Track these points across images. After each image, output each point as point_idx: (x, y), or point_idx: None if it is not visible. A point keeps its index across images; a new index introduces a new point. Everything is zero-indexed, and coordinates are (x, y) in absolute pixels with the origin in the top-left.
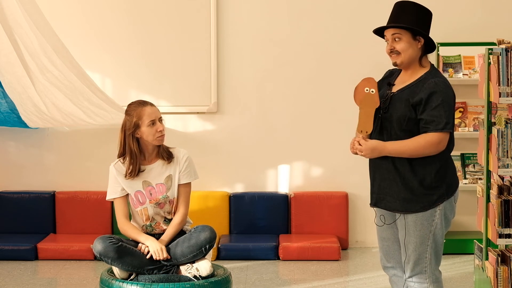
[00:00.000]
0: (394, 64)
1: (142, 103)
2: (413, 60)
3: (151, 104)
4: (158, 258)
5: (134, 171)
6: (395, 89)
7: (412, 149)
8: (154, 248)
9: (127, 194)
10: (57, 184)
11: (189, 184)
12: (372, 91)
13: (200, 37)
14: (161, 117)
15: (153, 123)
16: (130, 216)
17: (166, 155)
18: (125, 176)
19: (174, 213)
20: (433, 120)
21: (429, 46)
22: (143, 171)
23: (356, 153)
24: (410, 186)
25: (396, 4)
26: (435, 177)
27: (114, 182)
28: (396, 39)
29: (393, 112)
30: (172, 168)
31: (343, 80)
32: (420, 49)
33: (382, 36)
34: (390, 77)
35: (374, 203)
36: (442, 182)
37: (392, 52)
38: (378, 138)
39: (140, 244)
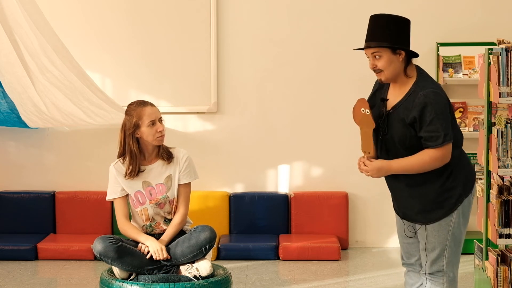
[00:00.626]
0: (380, 81)
1: (142, 103)
2: (398, 73)
3: (151, 104)
4: (158, 258)
5: (134, 171)
6: (389, 105)
7: (418, 166)
8: (154, 248)
9: (127, 194)
10: (57, 184)
11: (189, 184)
12: (367, 112)
13: (200, 37)
14: (161, 118)
15: (153, 123)
16: (130, 217)
17: (166, 155)
18: (125, 176)
19: (174, 213)
20: (431, 136)
21: (412, 54)
22: (143, 171)
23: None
24: (427, 197)
25: (371, 19)
26: (448, 180)
27: (114, 182)
28: (377, 57)
29: (394, 134)
30: (172, 168)
31: (343, 80)
32: (402, 61)
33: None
34: (381, 89)
35: (402, 216)
36: (458, 182)
37: (375, 70)
38: (384, 158)
39: (140, 244)
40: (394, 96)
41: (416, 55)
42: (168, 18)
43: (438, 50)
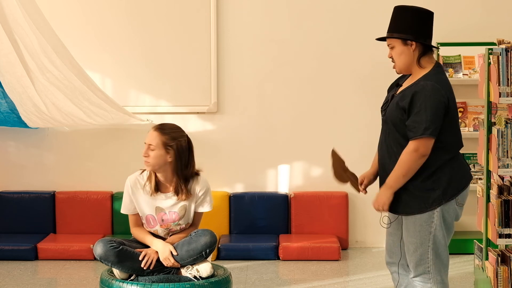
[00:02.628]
0: (396, 72)
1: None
2: (410, 64)
3: (154, 129)
4: (168, 265)
5: (151, 188)
6: (398, 91)
7: (403, 164)
8: (163, 255)
9: None
10: (57, 184)
11: (203, 212)
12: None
13: (200, 37)
14: (150, 144)
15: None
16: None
17: (181, 191)
18: (142, 189)
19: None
20: (414, 127)
21: (428, 46)
22: (158, 195)
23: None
24: (406, 189)
25: (394, 9)
26: (429, 180)
27: (128, 199)
28: (390, 47)
29: (388, 115)
30: (188, 200)
31: (343, 80)
32: (414, 52)
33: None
34: (401, 79)
35: None
36: (438, 185)
37: (392, 60)
38: (382, 140)
39: (142, 254)
40: (406, 84)
41: (431, 47)
42: (168, 18)
43: (438, 50)
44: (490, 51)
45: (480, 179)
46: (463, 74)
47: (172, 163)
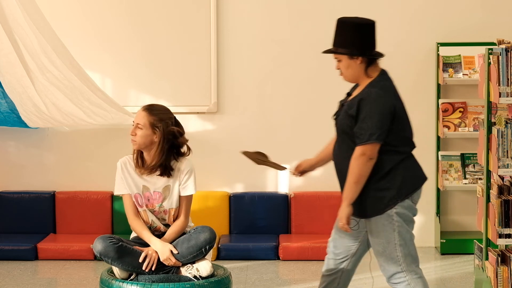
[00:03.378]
0: (346, 81)
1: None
2: (357, 76)
3: (143, 109)
4: (169, 265)
5: (138, 166)
6: (348, 99)
7: (354, 177)
8: (164, 256)
9: None
10: (57, 184)
11: (190, 196)
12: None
13: (200, 37)
14: (138, 123)
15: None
16: None
17: (163, 169)
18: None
19: (174, 221)
20: (360, 133)
21: (372, 57)
22: (144, 174)
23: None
24: (363, 193)
25: (336, 22)
26: (383, 180)
27: (120, 179)
28: (337, 60)
29: (339, 124)
30: (172, 179)
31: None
32: (361, 64)
33: None
34: (353, 88)
35: None
36: (392, 185)
37: (340, 72)
38: (336, 148)
39: (143, 254)
40: (355, 93)
41: (374, 58)
42: (168, 18)
43: (438, 50)
44: (490, 51)
45: (480, 179)
46: (463, 74)
47: (158, 144)
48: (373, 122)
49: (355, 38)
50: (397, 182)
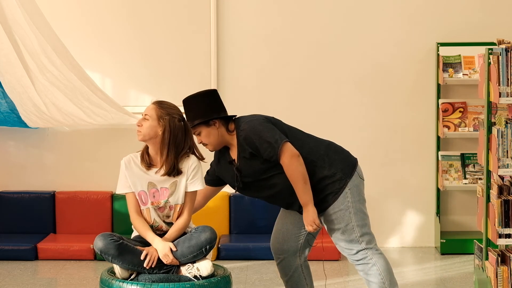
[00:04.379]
0: (211, 151)
1: None
2: (221, 138)
3: (153, 102)
4: (167, 263)
5: (144, 161)
6: (236, 163)
7: (299, 180)
8: (162, 252)
9: None
10: (57, 184)
11: (195, 192)
12: None
13: (200, 37)
14: (146, 114)
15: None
16: None
17: (171, 166)
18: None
19: (178, 218)
20: (270, 151)
21: (227, 118)
22: (151, 170)
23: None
24: (313, 190)
25: (184, 102)
26: (324, 169)
27: (123, 177)
28: (198, 134)
29: (251, 174)
30: (179, 176)
31: (343, 80)
32: (219, 127)
33: None
34: (222, 156)
35: (297, 210)
36: (336, 169)
37: (203, 144)
38: (265, 196)
39: (144, 252)
40: (234, 153)
41: (230, 117)
42: (168, 18)
43: (438, 50)
44: (490, 51)
45: (480, 179)
46: (463, 74)
47: (162, 137)
48: (266, 136)
49: (205, 107)
50: (338, 164)
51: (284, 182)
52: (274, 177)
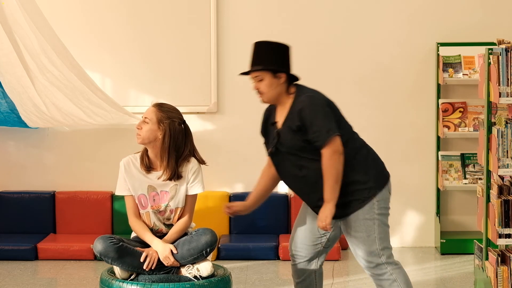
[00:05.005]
0: (262, 102)
1: None
2: (279, 95)
3: (153, 105)
4: (168, 265)
5: (143, 164)
6: (279, 125)
7: (333, 178)
8: (163, 254)
9: None
10: (57, 184)
11: (195, 195)
12: None
13: (200, 37)
14: (146, 117)
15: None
16: None
17: (172, 170)
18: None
19: (178, 220)
20: (317, 136)
21: (293, 77)
22: (151, 173)
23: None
24: (341, 191)
25: (254, 45)
26: (359, 173)
27: (123, 179)
28: (259, 80)
29: (287, 144)
30: (179, 180)
31: (343, 80)
32: (283, 83)
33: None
34: (270, 116)
35: (317, 212)
36: (368, 178)
37: (258, 92)
38: (286, 173)
39: (144, 254)
40: (281, 115)
41: (296, 78)
42: (168, 18)
43: (438, 50)
44: (490, 51)
45: (480, 179)
46: (463, 74)
47: (163, 141)
48: (321, 120)
49: (279, 58)
50: (373, 172)
51: (313, 170)
52: (306, 160)
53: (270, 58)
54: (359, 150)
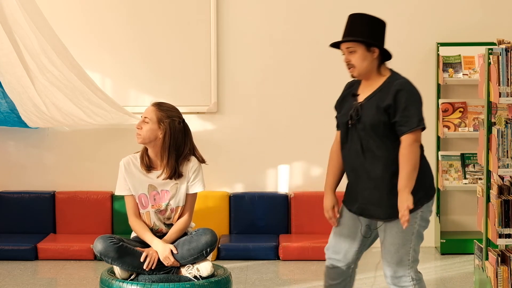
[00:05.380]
0: (352, 76)
1: None
2: (370, 70)
3: (152, 104)
4: (168, 265)
5: (144, 164)
6: (361, 98)
7: (411, 165)
8: (163, 254)
9: None
10: (57, 184)
11: (195, 193)
12: None
13: (200, 37)
14: (145, 117)
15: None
16: None
17: (172, 169)
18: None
19: (178, 219)
20: (406, 121)
21: (386, 55)
22: (152, 172)
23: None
24: (391, 193)
25: (350, 17)
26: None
27: (123, 179)
28: (351, 52)
29: (366, 120)
30: (180, 179)
31: (343, 79)
32: (375, 59)
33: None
34: (352, 87)
35: (360, 213)
36: (420, 186)
37: (348, 64)
38: (356, 149)
39: (144, 254)
40: (367, 91)
41: (389, 57)
42: (168, 18)
43: (438, 50)
44: (490, 51)
45: (480, 179)
46: (463, 74)
47: (163, 140)
48: (416, 109)
49: (374, 32)
50: (426, 182)
51: (382, 156)
52: (378, 143)
53: (366, 30)
54: (421, 158)
